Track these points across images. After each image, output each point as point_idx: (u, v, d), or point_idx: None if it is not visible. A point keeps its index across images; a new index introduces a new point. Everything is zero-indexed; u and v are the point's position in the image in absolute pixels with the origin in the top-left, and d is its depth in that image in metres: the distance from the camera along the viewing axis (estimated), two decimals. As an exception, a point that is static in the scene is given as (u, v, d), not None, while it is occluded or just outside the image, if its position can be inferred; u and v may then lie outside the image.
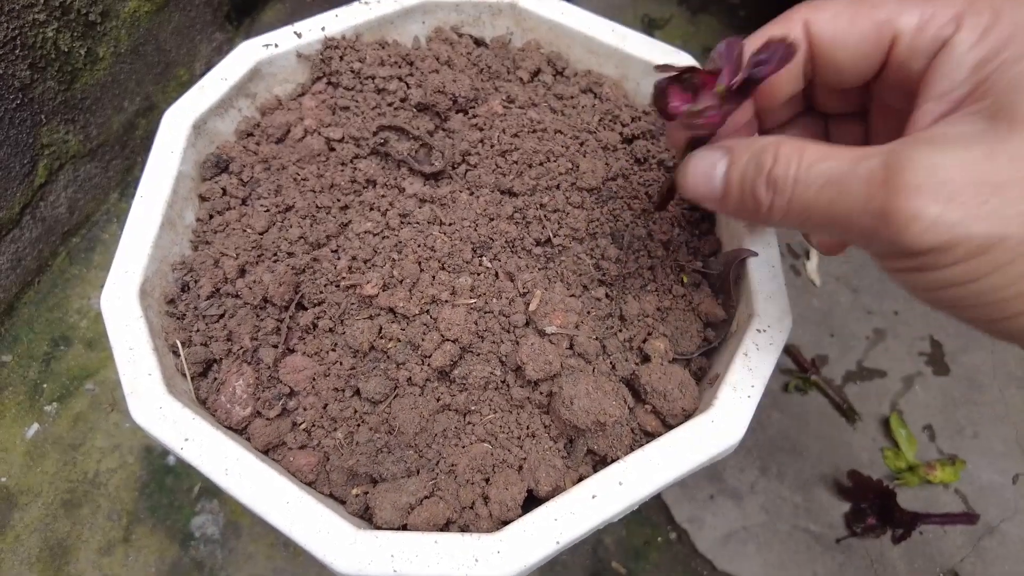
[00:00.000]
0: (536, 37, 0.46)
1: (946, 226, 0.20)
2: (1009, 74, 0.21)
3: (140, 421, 0.31)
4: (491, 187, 0.39)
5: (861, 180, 0.21)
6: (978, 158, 0.20)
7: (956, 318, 0.23)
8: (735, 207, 0.26)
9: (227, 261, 0.36)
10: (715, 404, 0.31)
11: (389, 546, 0.28)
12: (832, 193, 0.22)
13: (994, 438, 0.56)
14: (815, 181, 0.23)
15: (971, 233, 0.20)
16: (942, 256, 0.20)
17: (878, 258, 0.24)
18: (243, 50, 0.42)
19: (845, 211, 0.22)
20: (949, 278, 0.21)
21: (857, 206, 0.22)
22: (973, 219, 0.19)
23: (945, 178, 0.20)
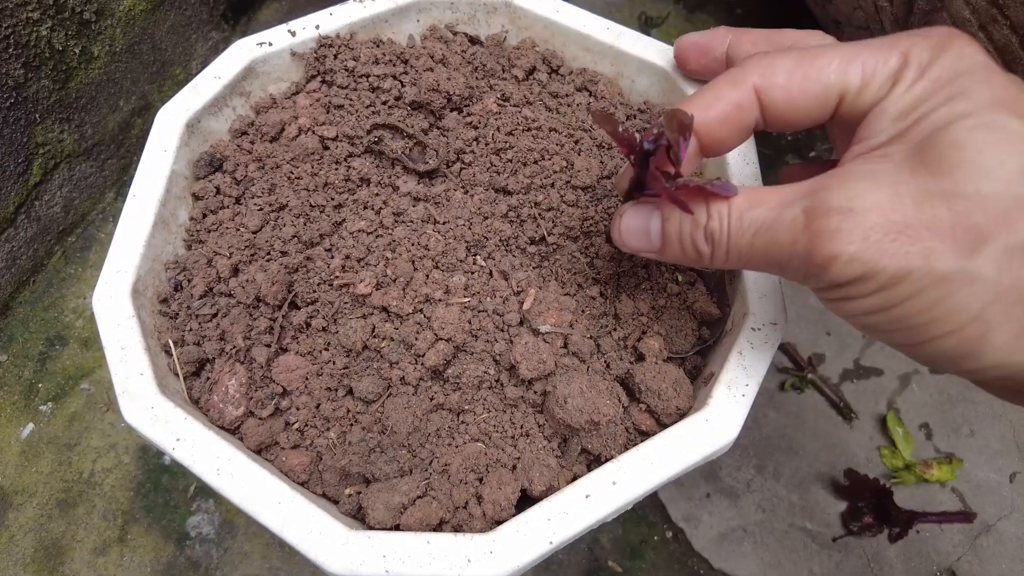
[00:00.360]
0: (531, 35, 0.46)
1: (860, 262, 0.22)
2: (926, 122, 0.23)
3: (132, 421, 0.31)
4: (485, 185, 0.39)
5: (787, 226, 0.24)
6: (888, 198, 0.22)
7: (888, 344, 0.25)
8: (675, 258, 0.29)
9: (220, 260, 0.36)
10: (710, 403, 0.31)
11: (381, 546, 0.28)
12: (764, 240, 0.25)
13: (991, 436, 0.56)
14: (747, 230, 0.25)
15: (881, 267, 0.22)
16: (861, 287, 0.23)
17: (814, 290, 0.26)
18: (237, 48, 0.42)
19: (777, 254, 0.25)
20: (869, 306, 0.23)
21: (786, 250, 0.24)
22: (882, 255, 0.22)
23: (859, 221, 0.22)
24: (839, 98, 0.26)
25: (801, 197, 0.24)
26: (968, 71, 0.23)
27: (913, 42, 0.25)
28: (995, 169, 0.21)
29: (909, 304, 0.22)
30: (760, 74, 0.27)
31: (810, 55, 0.26)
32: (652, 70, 0.42)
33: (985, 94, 0.23)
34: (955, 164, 0.22)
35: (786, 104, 0.27)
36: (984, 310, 0.21)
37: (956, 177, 0.21)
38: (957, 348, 0.23)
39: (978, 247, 0.21)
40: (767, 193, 0.25)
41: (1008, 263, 0.21)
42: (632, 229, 0.29)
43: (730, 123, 0.27)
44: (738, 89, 0.27)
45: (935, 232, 0.21)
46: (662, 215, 0.28)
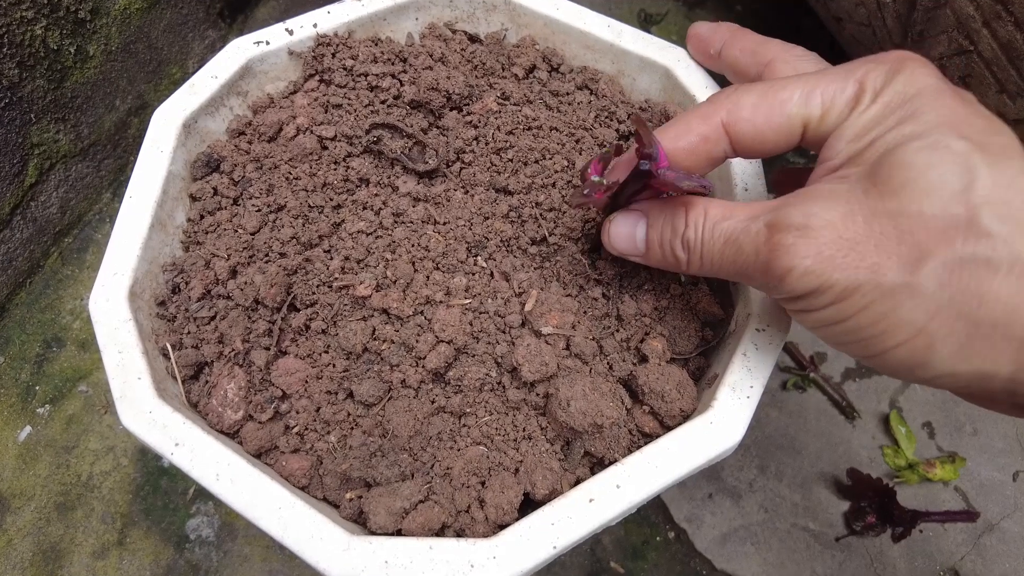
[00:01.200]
0: (531, 33, 0.45)
1: (813, 275, 0.24)
2: (879, 143, 0.25)
3: (130, 426, 0.31)
4: (486, 185, 0.38)
5: (751, 239, 0.26)
6: (841, 216, 0.24)
7: (850, 355, 0.27)
8: (658, 263, 0.31)
9: (218, 262, 0.36)
10: (714, 405, 0.31)
11: (383, 552, 0.28)
12: (732, 250, 0.27)
13: (994, 435, 0.56)
14: (718, 240, 0.27)
15: (834, 281, 0.24)
16: (816, 299, 0.25)
17: (779, 302, 0.28)
18: (234, 48, 0.41)
19: (742, 264, 0.27)
20: (825, 318, 0.25)
21: (750, 260, 0.26)
22: (834, 270, 0.23)
23: (813, 237, 0.24)
24: (803, 127, 0.27)
25: (766, 212, 0.26)
26: (918, 94, 0.25)
27: (868, 68, 0.26)
28: (936, 189, 0.23)
29: (861, 316, 0.24)
30: (727, 110, 0.28)
31: (774, 89, 0.28)
32: (653, 68, 0.42)
33: (933, 115, 0.24)
34: (901, 184, 0.23)
35: (753, 136, 0.28)
36: (928, 323, 0.23)
37: (902, 197, 0.23)
38: (909, 359, 0.24)
39: (920, 263, 0.22)
40: (739, 207, 0.27)
41: (947, 278, 0.22)
42: (620, 234, 0.31)
43: (697, 154, 0.29)
44: (706, 124, 0.29)
45: (882, 248, 0.23)
46: (647, 222, 0.31)
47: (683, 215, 0.29)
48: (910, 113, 0.24)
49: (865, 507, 0.51)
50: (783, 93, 0.27)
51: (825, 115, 0.27)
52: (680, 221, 0.29)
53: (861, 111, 0.26)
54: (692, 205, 0.29)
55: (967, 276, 0.22)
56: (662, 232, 0.30)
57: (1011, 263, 0.22)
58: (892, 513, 0.50)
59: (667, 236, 0.30)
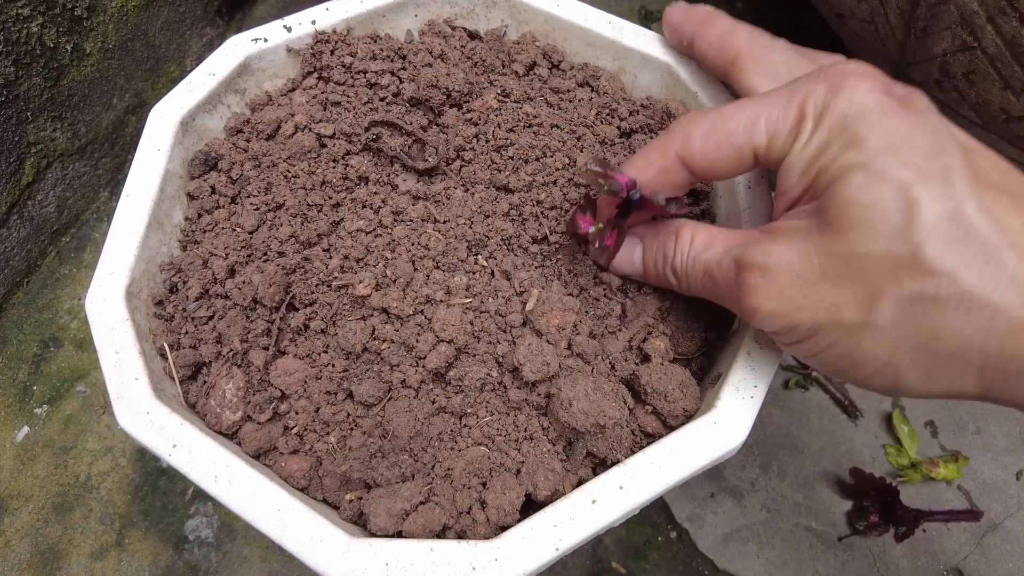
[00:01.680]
0: (531, 30, 0.45)
1: (778, 316, 0.25)
2: (825, 175, 0.25)
3: (127, 427, 0.30)
4: (486, 183, 0.38)
5: (723, 275, 0.28)
6: (798, 257, 0.25)
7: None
8: (655, 283, 0.34)
9: (216, 261, 0.35)
10: (717, 405, 0.30)
11: (383, 554, 0.27)
12: (710, 283, 0.29)
13: (997, 434, 0.55)
14: (699, 271, 0.29)
15: (798, 322, 0.25)
16: (786, 337, 0.26)
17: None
18: (231, 45, 0.41)
19: (721, 298, 0.29)
20: (801, 351, 0.27)
21: (724, 295, 0.28)
22: (796, 311, 0.25)
23: (774, 278, 0.25)
24: (753, 155, 0.28)
25: (737, 247, 0.27)
26: (859, 115, 0.25)
27: (808, 91, 0.26)
28: (880, 228, 0.23)
29: (830, 352, 0.25)
30: (680, 143, 0.29)
31: (722, 119, 0.28)
32: (655, 65, 0.42)
33: (875, 140, 0.24)
34: (849, 225, 0.23)
35: (707, 166, 0.29)
36: (891, 357, 0.24)
37: (850, 238, 0.23)
38: (883, 385, 0.25)
39: (874, 302, 0.23)
40: (720, 237, 0.29)
41: (900, 316, 0.23)
42: (620, 259, 0.34)
43: (660, 185, 0.31)
44: (664, 157, 0.30)
45: (838, 289, 0.24)
46: (643, 247, 0.33)
47: (673, 243, 0.30)
48: (852, 139, 0.24)
49: (868, 506, 0.51)
50: (730, 123, 0.28)
51: (771, 143, 0.27)
52: (670, 248, 0.31)
53: (805, 140, 0.26)
54: (681, 233, 0.30)
55: (919, 313, 0.23)
56: (655, 257, 0.32)
57: (957, 299, 0.22)
58: (895, 512, 0.50)
59: (660, 262, 0.31)
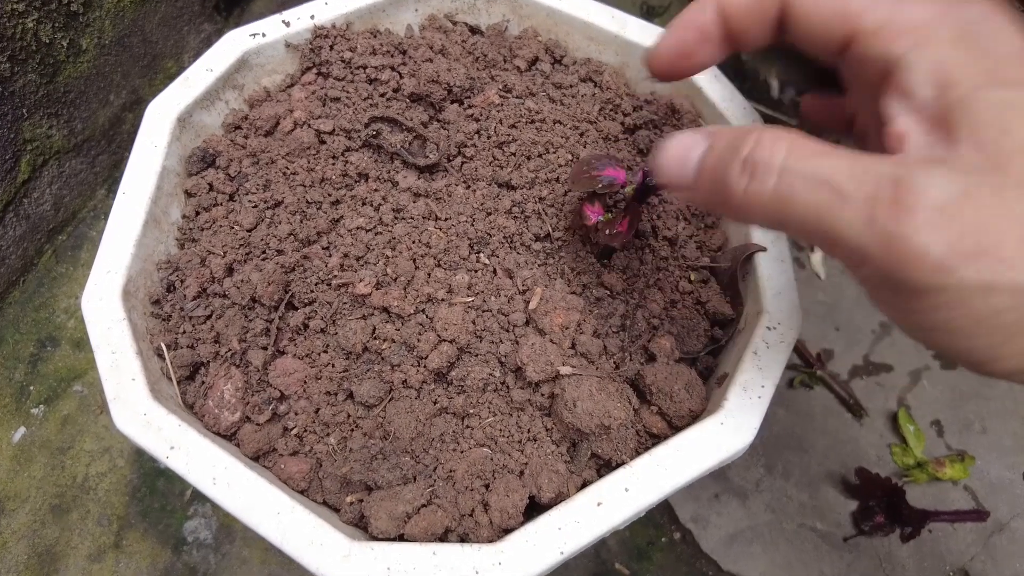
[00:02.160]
0: (533, 24, 0.44)
1: (950, 271, 0.19)
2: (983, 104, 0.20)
3: (123, 428, 0.30)
4: (488, 180, 0.37)
5: (866, 193, 0.20)
6: (984, 202, 0.19)
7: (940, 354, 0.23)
8: (705, 196, 0.24)
9: (214, 259, 0.35)
10: (724, 405, 0.30)
11: (385, 558, 0.27)
12: (826, 197, 0.20)
13: (1003, 433, 0.55)
14: (808, 177, 0.20)
15: (976, 279, 0.19)
16: (942, 297, 0.20)
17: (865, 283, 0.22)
18: (229, 40, 0.40)
19: (838, 223, 0.20)
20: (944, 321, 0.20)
21: (856, 223, 0.20)
22: (980, 266, 0.19)
23: (955, 219, 0.19)
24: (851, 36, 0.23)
25: (891, 166, 0.20)
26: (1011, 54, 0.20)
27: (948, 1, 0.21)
28: None
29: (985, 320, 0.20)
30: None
31: None
32: (659, 60, 0.41)
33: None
34: None
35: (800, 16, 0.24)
36: None
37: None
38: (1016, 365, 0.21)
39: None
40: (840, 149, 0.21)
41: None
42: (673, 154, 0.25)
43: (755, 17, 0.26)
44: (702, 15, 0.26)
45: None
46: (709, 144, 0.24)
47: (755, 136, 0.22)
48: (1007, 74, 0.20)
49: (873, 507, 0.50)
50: None
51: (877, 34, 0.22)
52: (749, 140, 0.22)
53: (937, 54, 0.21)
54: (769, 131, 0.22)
55: None
56: (722, 154, 0.23)
57: None
58: (901, 513, 0.49)
59: (723, 164, 0.23)
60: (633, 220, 0.33)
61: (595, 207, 0.33)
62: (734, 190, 0.22)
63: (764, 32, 0.26)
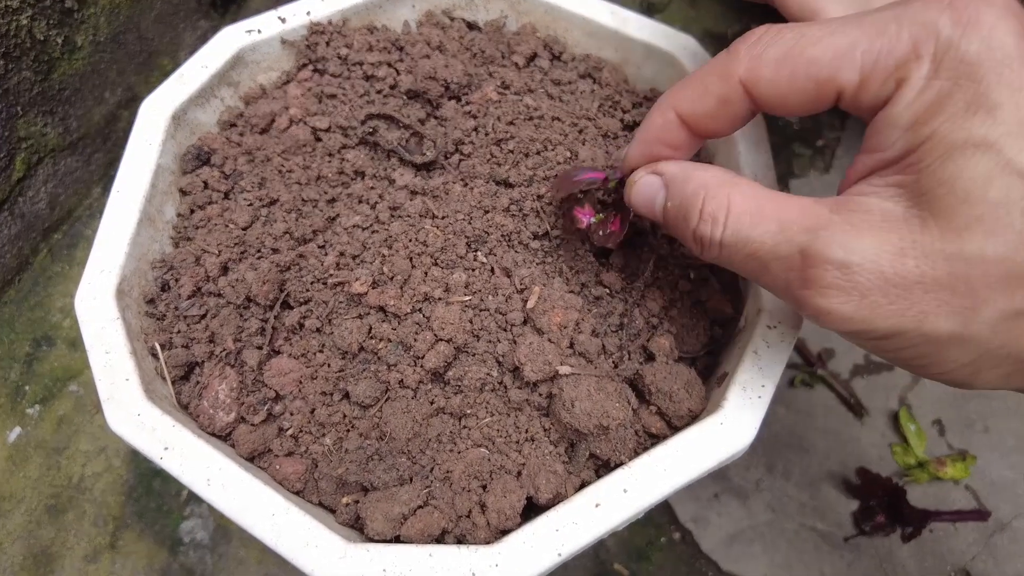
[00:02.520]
0: (532, 20, 0.44)
1: (854, 322, 0.22)
2: (941, 145, 0.21)
3: (117, 429, 0.29)
4: (486, 178, 0.37)
5: (781, 265, 0.23)
6: (891, 257, 0.21)
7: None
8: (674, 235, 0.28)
9: (209, 258, 0.34)
10: (724, 405, 0.30)
11: (381, 560, 0.26)
12: (756, 266, 0.24)
13: (1005, 432, 0.54)
14: (738, 251, 0.24)
15: (875, 327, 0.22)
16: (856, 337, 0.23)
17: None
18: (224, 36, 0.40)
19: (767, 284, 0.25)
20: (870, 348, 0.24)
21: (778, 285, 0.24)
22: (876, 316, 0.21)
23: (856, 280, 0.21)
24: (837, 95, 0.23)
25: (802, 228, 0.22)
26: (995, 65, 0.20)
27: (926, 19, 0.21)
28: (1003, 230, 0.20)
29: (905, 353, 0.23)
30: (747, 67, 0.24)
31: (804, 42, 0.23)
32: (659, 56, 0.41)
33: (1010, 109, 0.20)
34: (963, 224, 0.20)
35: (776, 99, 0.25)
36: (975, 361, 0.22)
37: (963, 239, 0.20)
38: (952, 381, 0.23)
39: (973, 313, 0.21)
40: (768, 205, 0.24)
41: (1000, 327, 0.21)
42: (641, 195, 0.29)
43: (718, 118, 0.26)
44: (725, 84, 0.25)
45: (933, 295, 0.21)
46: (665, 194, 0.27)
47: (699, 204, 0.25)
48: (982, 99, 0.20)
49: (874, 506, 0.50)
50: (813, 49, 0.23)
51: (864, 85, 0.22)
52: (695, 212, 0.25)
53: (917, 88, 0.21)
54: (713, 192, 0.25)
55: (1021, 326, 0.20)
56: (677, 214, 0.26)
57: None
58: (902, 513, 0.49)
59: (681, 220, 0.26)
60: (624, 217, 0.32)
61: (585, 209, 0.33)
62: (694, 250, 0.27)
63: (734, 126, 0.27)
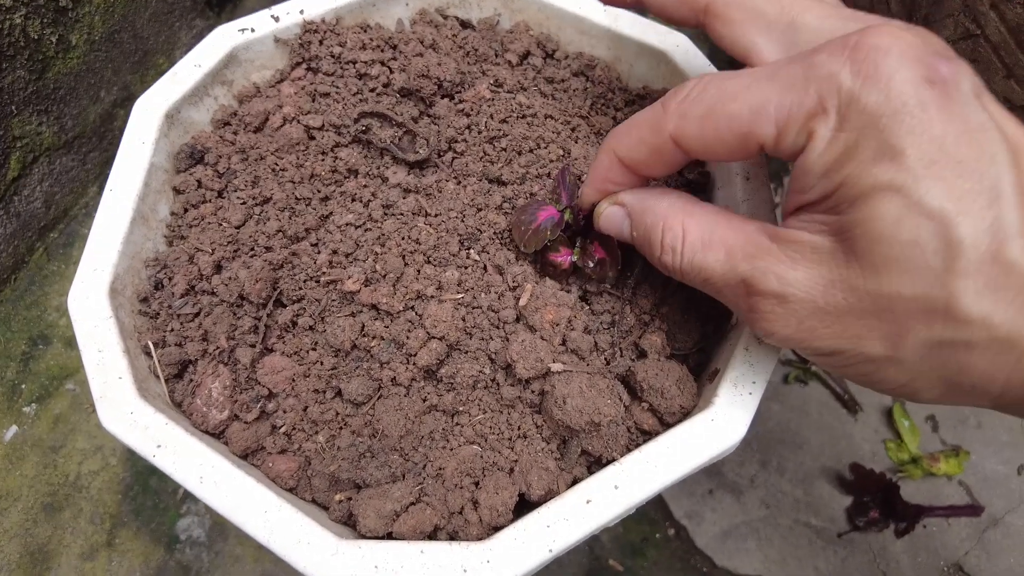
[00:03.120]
0: (525, 18, 0.44)
1: (795, 343, 0.25)
2: (853, 190, 0.22)
3: (110, 427, 0.30)
4: (479, 175, 0.37)
5: (730, 290, 0.26)
6: (821, 289, 0.23)
7: None
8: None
9: (202, 257, 0.35)
10: (715, 402, 0.30)
11: (373, 557, 0.27)
12: (709, 288, 0.27)
13: (998, 428, 0.55)
14: (694, 275, 0.27)
15: (815, 347, 0.24)
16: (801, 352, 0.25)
17: None
18: (218, 35, 0.40)
19: (727, 304, 0.27)
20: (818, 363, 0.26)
21: (731, 304, 0.27)
22: (815, 339, 0.24)
23: (792, 309, 0.24)
24: (758, 146, 0.24)
25: (745, 258, 0.25)
26: (895, 113, 0.21)
27: (830, 72, 0.22)
28: (915, 270, 0.21)
29: (849, 369, 0.25)
30: (675, 124, 0.26)
31: (724, 98, 0.25)
32: (652, 53, 0.41)
33: (914, 154, 0.21)
34: (881, 262, 0.22)
35: (704, 151, 0.26)
36: (911, 381, 0.23)
37: (881, 278, 0.22)
38: (898, 395, 0.25)
39: (900, 340, 0.22)
40: (718, 232, 0.26)
41: (927, 353, 0.22)
42: (610, 223, 0.31)
43: (652, 165, 0.28)
44: (657, 137, 0.27)
45: (863, 322, 0.23)
46: (630, 223, 0.30)
47: (658, 235, 0.28)
48: (886, 147, 0.21)
49: (868, 502, 0.50)
50: (732, 106, 0.24)
51: (780, 137, 0.23)
52: (656, 241, 0.28)
53: (826, 139, 0.22)
54: (669, 224, 0.27)
55: (946, 354, 0.22)
56: (643, 242, 0.29)
57: (987, 342, 0.21)
58: (895, 508, 0.49)
59: (646, 247, 0.29)
60: (604, 240, 0.33)
61: (560, 251, 0.33)
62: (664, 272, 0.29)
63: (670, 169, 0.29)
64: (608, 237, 0.32)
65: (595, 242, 0.33)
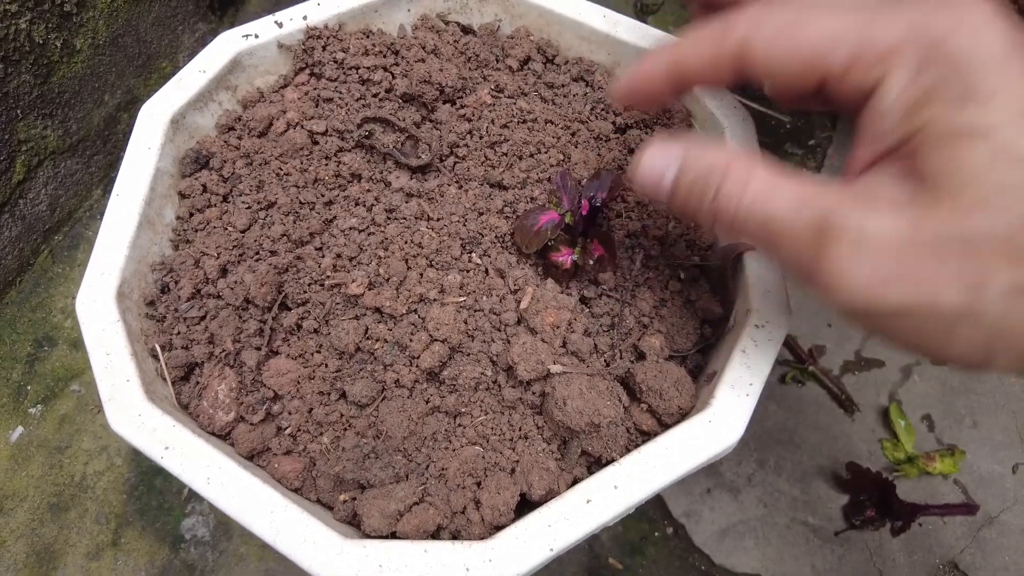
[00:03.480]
0: (525, 24, 0.44)
1: (865, 294, 0.22)
2: (936, 133, 0.21)
3: (118, 429, 0.30)
4: (480, 180, 0.38)
5: (795, 237, 0.23)
6: (902, 232, 0.21)
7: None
8: (678, 210, 0.28)
9: (208, 261, 0.35)
10: (713, 403, 0.30)
11: (377, 556, 0.27)
12: (769, 239, 0.24)
13: (994, 427, 0.55)
14: (756, 220, 0.24)
15: (886, 303, 0.22)
16: (863, 317, 0.23)
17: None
18: (222, 41, 0.41)
19: (782, 257, 0.24)
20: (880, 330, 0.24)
21: (791, 257, 0.24)
22: (888, 290, 0.22)
23: (870, 250, 0.22)
24: (821, 78, 0.24)
25: (817, 204, 0.23)
26: (982, 62, 0.21)
27: (917, 17, 0.22)
28: (1008, 210, 0.20)
29: (913, 335, 0.23)
30: (745, 34, 0.25)
31: (802, 19, 0.24)
32: (650, 59, 0.41)
33: (1001, 102, 0.21)
34: (970, 204, 0.21)
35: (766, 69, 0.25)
36: (989, 342, 0.22)
37: (969, 219, 0.21)
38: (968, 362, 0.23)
39: (983, 288, 0.21)
40: (785, 183, 0.24)
41: (1012, 302, 0.21)
42: (650, 168, 0.27)
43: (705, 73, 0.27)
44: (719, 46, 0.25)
45: (943, 270, 0.21)
46: (680, 167, 0.26)
47: (718, 178, 0.25)
48: (971, 92, 0.21)
49: (864, 501, 0.51)
50: (808, 28, 0.23)
51: (851, 69, 0.23)
52: (713, 185, 0.25)
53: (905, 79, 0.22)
54: (733, 167, 0.25)
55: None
56: (692, 188, 0.26)
57: None
58: (891, 507, 0.50)
59: (695, 196, 0.26)
60: (604, 238, 0.33)
61: (560, 252, 0.34)
62: (702, 220, 0.26)
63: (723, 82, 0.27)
64: (607, 235, 0.33)
65: (594, 241, 0.34)
